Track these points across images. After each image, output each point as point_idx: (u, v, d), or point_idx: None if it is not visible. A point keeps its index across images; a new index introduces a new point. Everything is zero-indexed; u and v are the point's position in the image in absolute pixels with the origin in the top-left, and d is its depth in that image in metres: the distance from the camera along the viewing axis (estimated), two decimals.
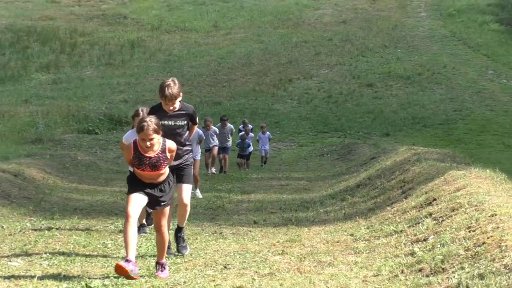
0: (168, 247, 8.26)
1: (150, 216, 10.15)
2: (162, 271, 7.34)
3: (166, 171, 7.40)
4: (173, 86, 7.90)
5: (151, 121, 6.92)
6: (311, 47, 47.60)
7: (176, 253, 8.81)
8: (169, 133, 7.79)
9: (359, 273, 7.58)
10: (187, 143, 8.46)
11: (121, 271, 6.90)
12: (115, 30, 48.29)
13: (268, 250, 9.02)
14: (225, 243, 9.90)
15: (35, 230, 10.48)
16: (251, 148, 24.36)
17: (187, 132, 8.43)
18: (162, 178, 7.38)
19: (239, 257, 8.70)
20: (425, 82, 42.65)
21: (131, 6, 52.92)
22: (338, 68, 44.59)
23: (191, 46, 47.22)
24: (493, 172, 12.84)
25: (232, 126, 23.78)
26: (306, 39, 48.98)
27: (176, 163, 7.97)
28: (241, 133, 24.60)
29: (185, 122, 8.31)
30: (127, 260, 7.05)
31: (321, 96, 41.09)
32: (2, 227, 10.81)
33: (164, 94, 7.90)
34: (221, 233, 10.76)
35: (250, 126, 25.28)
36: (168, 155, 7.30)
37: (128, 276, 6.90)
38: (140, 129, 6.87)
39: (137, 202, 7.19)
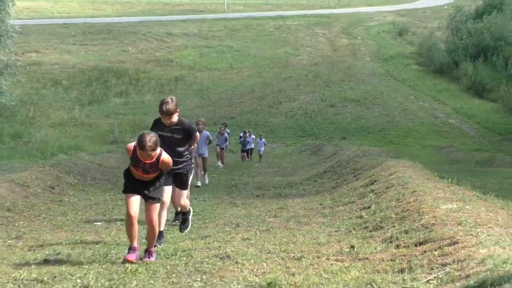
0: (160, 236, 6.79)
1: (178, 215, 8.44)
2: (149, 257, 6.06)
3: (156, 175, 6.09)
4: (171, 103, 6.73)
5: (150, 141, 5.69)
6: (294, 81, 47.58)
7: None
8: (169, 143, 6.63)
9: (325, 229, 7.59)
10: (186, 153, 7.05)
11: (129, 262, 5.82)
12: (165, 69, 48.17)
13: (265, 214, 9.03)
14: (237, 209, 9.91)
15: (112, 201, 10.47)
16: (251, 145, 24.37)
17: (187, 145, 7.09)
18: (151, 179, 6.08)
19: (247, 219, 8.71)
20: (369, 104, 42.60)
21: (175, 53, 52.86)
22: (311, 95, 44.54)
23: (215, 80, 47.21)
24: (414, 163, 12.85)
25: (252, 137, 22.84)
26: (290, 75, 48.94)
27: (174, 168, 6.64)
28: (241, 139, 24.71)
29: (181, 136, 6.91)
30: (133, 249, 6.02)
31: (300, 113, 41.08)
32: (90, 199, 10.82)
33: (162, 110, 6.73)
34: (234, 203, 10.76)
35: (252, 136, 25.13)
36: (160, 165, 5.99)
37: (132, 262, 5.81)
38: (141, 147, 5.71)
39: (135, 203, 6.01)
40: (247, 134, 24.59)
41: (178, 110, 6.91)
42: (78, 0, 70.84)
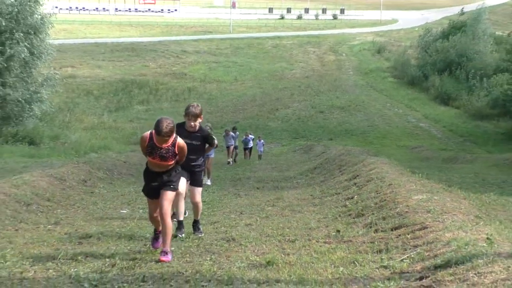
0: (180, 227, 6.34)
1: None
2: (164, 255, 5.15)
3: (173, 163, 5.35)
4: (196, 107, 6.30)
5: (167, 127, 5.06)
6: (288, 91, 47.61)
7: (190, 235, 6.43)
8: (188, 149, 5.69)
9: (315, 216, 7.57)
10: (201, 157, 6.49)
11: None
12: (180, 81, 48.20)
13: (264, 204, 9.00)
14: (240, 199, 9.90)
15: (136, 192, 10.46)
16: (251, 144, 24.19)
17: (202, 152, 6.47)
18: (168, 168, 5.33)
19: (249, 208, 8.70)
20: (352, 110, 42.60)
21: (188, 68, 52.98)
22: (303, 103, 44.55)
23: (222, 90, 47.26)
24: (390, 160, 12.85)
25: (234, 134, 22.50)
26: (286, 86, 48.96)
27: (190, 169, 6.26)
28: (243, 139, 24.57)
29: (200, 143, 6.34)
30: (155, 238, 5.61)
31: (294, 118, 41.07)
32: (117, 191, 10.81)
33: (188, 112, 6.25)
34: (238, 194, 10.74)
35: (251, 136, 24.90)
36: (176, 150, 5.27)
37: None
38: (158, 132, 5.06)
39: (155, 205, 5.37)
40: (245, 134, 24.49)
41: (202, 116, 6.39)
42: (107, 23, 70.85)
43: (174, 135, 5.23)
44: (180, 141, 5.33)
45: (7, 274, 4.80)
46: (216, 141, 6.49)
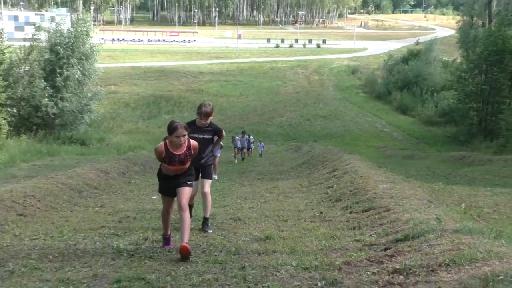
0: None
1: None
2: (184, 247, 4.16)
3: (189, 164, 4.58)
4: (208, 106, 5.56)
5: (181, 123, 4.36)
6: (282, 103, 47.53)
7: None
8: (199, 143, 4.93)
9: (303, 201, 7.57)
10: (210, 150, 5.75)
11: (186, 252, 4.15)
12: (198, 96, 47.97)
13: (264, 191, 9.00)
14: (245, 188, 9.89)
15: None
16: (252, 145, 23.84)
17: (211, 145, 5.73)
18: (185, 169, 4.56)
19: (251, 194, 8.69)
20: (332, 118, 42.54)
21: (204, 85, 52.85)
22: (294, 112, 44.48)
23: (231, 103, 47.15)
24: (361, 157, 12.84)
25: (247, 136, 21.84)
26: (280, 100, 48.88)
27: (201, 162, 5.49)
28: (245, 140, 24.07)
29: (211, 137, 5.66)
30: (167, 237, 4.75)
31: (286, 124, 41.00)
32: (149, 181, 10.66)
33: (201, 111, 5.49)
34: (243, 184, 10.75)
35: (252, 137, 24.26)
36: (192, 151, 4.53)
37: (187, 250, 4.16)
38: (174, 129, 4.30)
39: (171, 202, 4.62)
40: (246, 136, 23.89)
41: (213, 114, 5.64)
42: (141, 51, 70.84)
43: (187, 137, 4.43)
44: (193, 142, 4.57)
45: (64, 246, 4.85)
46: (224, 133, 5.78)
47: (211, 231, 5.43)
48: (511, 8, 41.89)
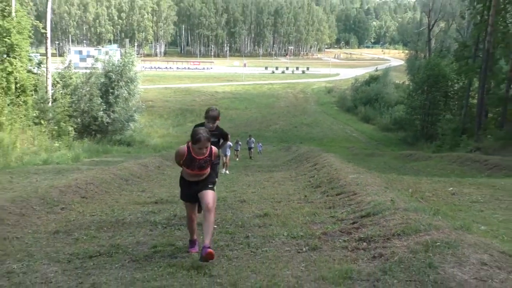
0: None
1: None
2: (206, 250, 3.05)
3: (208, 169, 3.49)
4: (215, 111, 4.63)
5: (204, 135, 3.26)
6: (277, 115, 47.47)
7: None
8: None
9: (292, 187, 7.52)
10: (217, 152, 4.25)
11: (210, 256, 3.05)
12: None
13: (263, 180, 8.96)
14: (248, 177, 9.86)
15: None
16: (252, 145, 23.48)
17: (217, 146, 4.53)
18: (205, 176, 3.45)
19: (253, 182, 8.65)
20: (314, 126, 42.42)
21: (219, 101, 52.48)
22: (285, 121, 44.43)
23: (238, 115, 47.09)
24: (335, 155, 12.79)
25: (253, 139, 20.97)
26: (275, 112, 48.81)
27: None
28: (247, 141, 23.68)
29: (217, 139, 4.60)
30: (193, 242, 3.59)
31: (280, 130, 40.95)
32: (178, 173, 10.71)
33: (209, 115, 4.56)
34: (247, 174, 10.73)
35: (253, 139, 23.90)
36: (213, 157, 3.44)
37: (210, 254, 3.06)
38: (197, 140, 3.24)
39: (194, 208, 3.51)
40: (250, 139, 23.87)
41: (219, 118, 4.70)
42: (172, 75, 70.81)
43: (210, 144, 3.36)
44: (214, 149, 3.48)
45: (114, 220, 4.83)
46: (229, 136, 4.91)
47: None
48: (445, 45, 41.95)
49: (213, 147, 3.48)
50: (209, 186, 3.45)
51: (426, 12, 44.06)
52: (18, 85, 15.59)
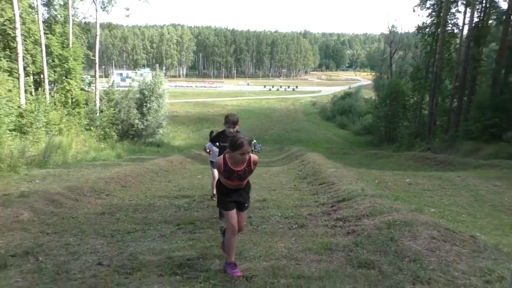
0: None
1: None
2: (234, 268, 2.31)
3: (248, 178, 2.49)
4: (233, 116, 3.89)
5: (245, 139, 2.35)
6: (273, 122, 47.42)
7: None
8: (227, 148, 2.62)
9: (285, 178, 7.47)
10: None
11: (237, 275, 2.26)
12: (223, 117, 48.03)
13: (262, 173, 8.88)
14: None
15: (205, 170, 10.40)
16: (253, 147, 23.59)
17: None
18: (245, 183, 2.49)
19: (254, 175, 8.51)
20: (302, 131, 42.34)
21: (228, 111, 52.82)
22: (280, 128, 44.32)
23: (243, 123, 46.29)
24: (319, 153, 12.74)
25: (255, 141, 21.58)
26: (272, 120, 48.72)
27: None
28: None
29: None
30: (234, 264, 2.36)
31: (275, 135, 40.86)
32: (196, 167, 10.72)
33: (229, 120, 3.84)
34: None
35: (254, 141, 23.92)
36: (252, 167, 2.43)
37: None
38: (240, 145, 2.31)
39: (235, 215, 2.40)
40: (253, 141, 23.87)
41: (238, 123, 3.94)
42: (192, 92, 70.87)
43: (249, 153, 2.42)
44: (254, 157, 2.47)
45: (147, 204, 4.82)
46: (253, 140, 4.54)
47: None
48: (403, 68, 42.10)
49: (252, 155, 2.50)
50: (246, 205, 2.52)
51: (388, 43, 44.12)
52: (74, 100, 16.57)
